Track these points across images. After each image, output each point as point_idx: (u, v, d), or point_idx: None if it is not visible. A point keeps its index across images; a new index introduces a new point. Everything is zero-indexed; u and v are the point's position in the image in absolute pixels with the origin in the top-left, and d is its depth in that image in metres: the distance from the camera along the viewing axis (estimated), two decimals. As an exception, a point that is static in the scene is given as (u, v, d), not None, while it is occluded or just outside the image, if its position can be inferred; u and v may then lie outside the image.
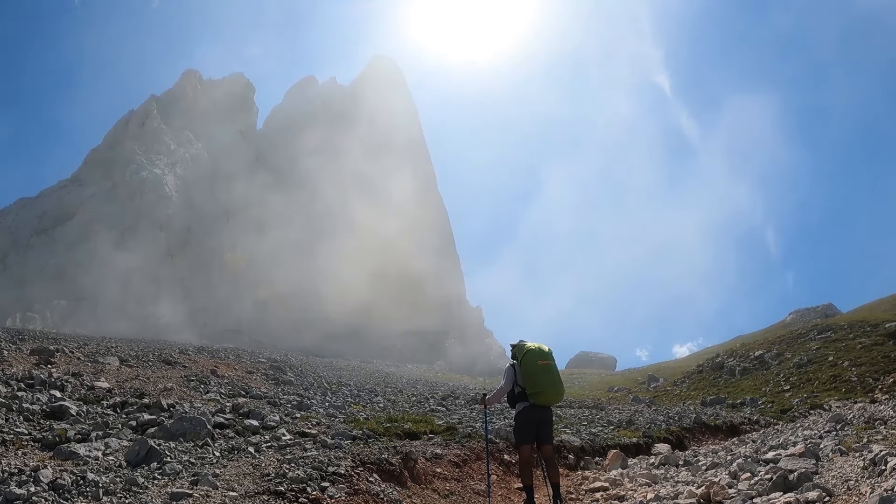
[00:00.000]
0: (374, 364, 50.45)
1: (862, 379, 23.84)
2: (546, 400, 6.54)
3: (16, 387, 10.47)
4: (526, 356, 6.62)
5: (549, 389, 6.48)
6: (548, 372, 6.51)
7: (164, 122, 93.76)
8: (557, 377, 6.61)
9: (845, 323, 32.24)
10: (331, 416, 11.94)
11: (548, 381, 6.48)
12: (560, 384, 6.61)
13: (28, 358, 15.06)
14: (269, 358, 28.74)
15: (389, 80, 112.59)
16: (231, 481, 5.93)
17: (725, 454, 9.39)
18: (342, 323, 78.32)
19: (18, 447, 6.84)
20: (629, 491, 7.54)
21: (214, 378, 16.86)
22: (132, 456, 6.60)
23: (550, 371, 6.55)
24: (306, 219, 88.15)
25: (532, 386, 6.48)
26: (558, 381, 6.59)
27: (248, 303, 79.17)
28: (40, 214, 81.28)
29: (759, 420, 18.42)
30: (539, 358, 6.56)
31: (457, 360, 76.73)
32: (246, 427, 8.99)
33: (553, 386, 6.50)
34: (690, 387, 31.11)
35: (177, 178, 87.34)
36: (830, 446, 7.22)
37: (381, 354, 70.54)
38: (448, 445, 9.19)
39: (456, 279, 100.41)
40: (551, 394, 6.52)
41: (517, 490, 8.55)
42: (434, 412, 14.83)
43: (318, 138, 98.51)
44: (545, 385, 6.47)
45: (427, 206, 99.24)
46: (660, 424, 15.22)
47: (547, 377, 6.49)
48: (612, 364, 75.08)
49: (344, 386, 21.28)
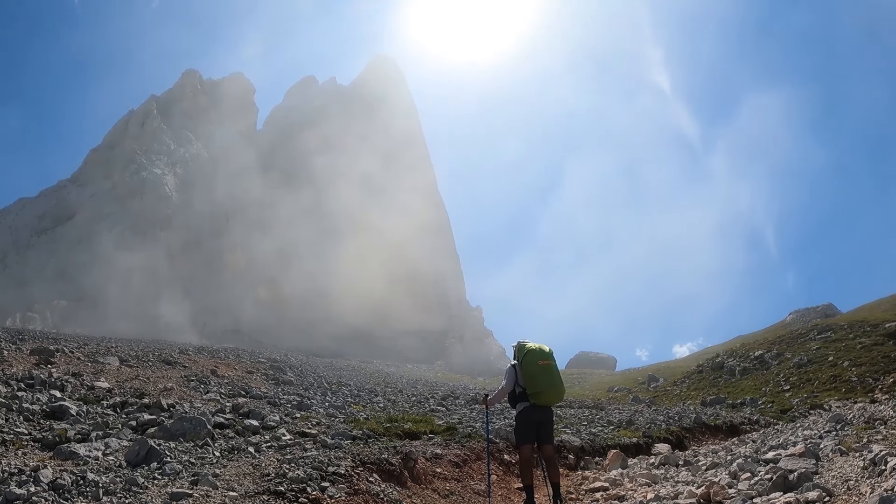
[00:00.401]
0: (374, 364, 50.48)
1: (862, 379, 23.84)
2: (546, 400, 6.56)
3: (16, 387, 10.48)
4: (526, 356, 6.62)
5: (548, 390, 6.50)
6: (548, 372, 6.52)
7: (164, 122, 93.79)
8: (558, 377, 6.61)
9: (845, 323, 32.25)
10: (331, 416, 11.94)
11: (548, 382, 6.49)
12: (560, 384, 6.62)
13: (28, 358, 15.06)
14: (269, 358, 28.75)
15: (389, 80, 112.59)
16: (231, 481, 5.93)
17: (725, 454, 9.39)
18: (342, 323, 78.36)
19: (18, 447, 6.84)
20: (629, 491, 7.53)
21: (214, 378, 16.86)
22: (132, 456, 6.60)
23: (551, 371, 6.55)
24: (307, 219, 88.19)
25: (532, 386, 6.49)
26: (558, 382, 6.59)
27: (248, 303, 79.20)
28: (40, 214, 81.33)
29: (759, 420, 18.42)
30: (539, 358, 6.56)
31: (457, 360, 76.75)
32: (246, 427, 8.99)
33: (553, 386, 6.51)
34: (690, 387, 31.12)
35: (177, 178, 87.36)
36: (830, 446, 7.22)
37: (381, 354, 70.57)
38: (448, 445, 9.19)
39: (456, 279, 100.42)
40: (551, 394, 6.54)
41: (517, 490, 8.55)
42: (434, 412, 14.84)
43: (318, 138, 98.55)
44: (545, 385, 6.48)
45: (427, 206, 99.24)
46: (660, 424, 15.22)
47: (547, 377, 6.50)
48: (612, 364, 75.06)
49: (344, 386, 21.29)
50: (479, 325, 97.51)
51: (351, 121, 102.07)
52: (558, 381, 6.58)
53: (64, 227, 79.12)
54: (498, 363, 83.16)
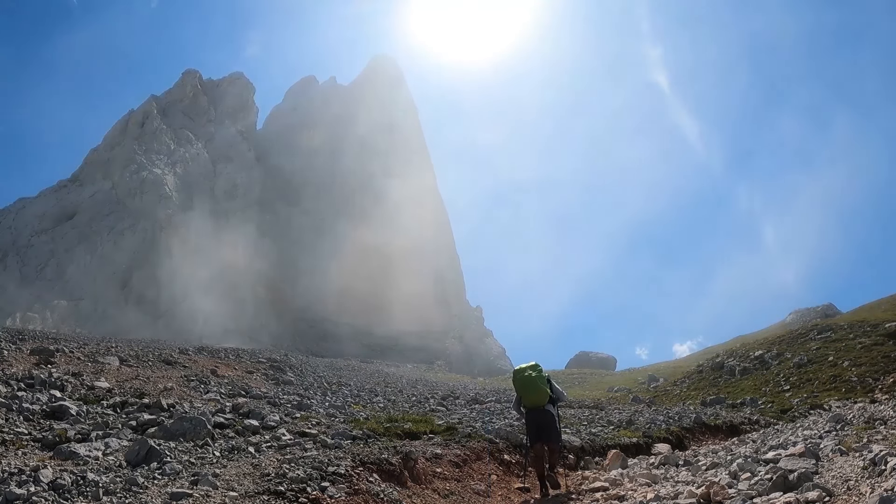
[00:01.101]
0: (374, 364, 50.44)
1: (862, 379, 23.83)
2: (529, 402, 8.21)
3: (16, 387, 10.48)
4: (514, 375, 8.49)
5: (528, 395, 8.20)
6: (526, 381, 8.23)
7: (164, 122, 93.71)
8: (532, 382, 8.18)
9: (845, 323, 32.24)
10: (331, 416, 11.94)
11: (525, 388, 8.23)
12: (535, 387, 8.16)
13: (28, 358, 15.05)
14: (269, 358, 28.71)
15: (389, 80, 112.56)
16: (231, 481, 5.93)
17: (725, 454, 9.39)
18: (342, 323, 78.36)
19: (18, 447, 6.84)
20: (629, 491, 7.53)
21: (214, 378, 16.86)
22: (132, 456, 6.60)
23: (527, 380, 8.22)
24: (307, 219, 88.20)
25: (520, 394, 8.35)
26: (532, 386, 8.18)
27: (248, 303, 79.18)
28: (40, 214, 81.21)
29: (759, 420, 18.42)
30: (520, 373, 8.37)
31: (457, 360, 76.79)
32: (246, 427, 8.99)
33: (526, 389, 8.21)
34: (690, 387, 31.11)
35: (177, 178, 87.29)
36: (830, 446, 7.21)
37: (381, 354, 70.57)
38: (448, 445, 9.19)
39: (456, 279, 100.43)
40: (531, 396, 8.18)
41: (517, 490, 8.57)
42: (434, 412, 14.84)
43: (318, 138, 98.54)
44: (523, 391, 8.25)
45: (427, 206, 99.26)
46: (660, 424, 15.22)
47: (525, 384, 8.23)
48: (612, 364, 74.99)
49: (344, 386, 21.28)
50: (479, 325, 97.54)
51: (351, 121, 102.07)
52: (532, 386, 8.17)
53: (64, 227, 79.04)
54: (498, 363, 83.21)
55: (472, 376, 54.46)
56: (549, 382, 8.30)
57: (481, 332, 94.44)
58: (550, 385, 8.29)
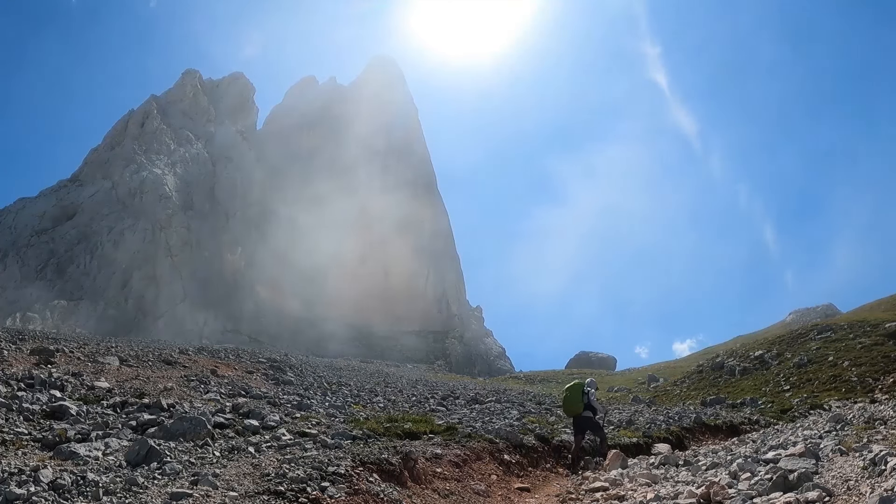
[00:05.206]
0: (374, 364, 50.40)
1: (862, 379, 23.83)
2: (567, 412, 11.65)
3: (16, 387, 10.47)
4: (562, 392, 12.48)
5: (566, 406, 11.52)
6: (565, 399, 11.60)
7: (164, 122, 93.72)
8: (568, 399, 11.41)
9: (845, 323, 32.23)
10: (331, 416, 11.93)
11: (564, 402, 11.66)
12: (570, 403, 11.30)
13: (28, 358, 15.05)
14: (269, 358, 28.70)
15: (389, 80, 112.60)
16: (231, 481, 5.93)
17: (725, 454, 9.38)
18: (342, 323, 78.33)
19: (18, 447, 6.83)
20: (629, 491, 7.53)
21: (214, 378, 16.84)
22: (132, 456, 6.60)
23: (565, 398, 11.54)
24: (307, 218, 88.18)
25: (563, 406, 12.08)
26: (567, 401, 11.45)
27: (248, 303, 79.18)
28: (40, 214, 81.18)
29: (759, 420, 18.42)
30: (564, 392, 11.90)
31: (457, 360, 76.79)
32: (246, 427, 8.98)
33: (565, 403, 11.61)
34: (690, 387, 31.11)
35: (177, 178, 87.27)
36: (830, 446, 7.21)
37: (381, 354, 70.54)
38: (448, 445, 9.19)
39: (456, 279, 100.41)
40: (568, 407, 11.44)
41: (517, 490, 8.57)
42: (434, 412, 14.84)
43: (318, 138, 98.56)
44: (564, 404, 11.66)
45: (427, 206, 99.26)
46: (660, 424, 15.22)
47: (564, 400, 11.63)
48: (612, 364, 75.00)
49: (344, 386, 21.27)
50: (479, 325, 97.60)
51: (351, 121, 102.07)
52: (568, 401, 11.40)
53: (64, 227, 79.02)
54: (498, 363, 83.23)
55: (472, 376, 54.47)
56: (587, 396, 11.08)
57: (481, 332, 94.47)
58: (588, 399, 11.05)
